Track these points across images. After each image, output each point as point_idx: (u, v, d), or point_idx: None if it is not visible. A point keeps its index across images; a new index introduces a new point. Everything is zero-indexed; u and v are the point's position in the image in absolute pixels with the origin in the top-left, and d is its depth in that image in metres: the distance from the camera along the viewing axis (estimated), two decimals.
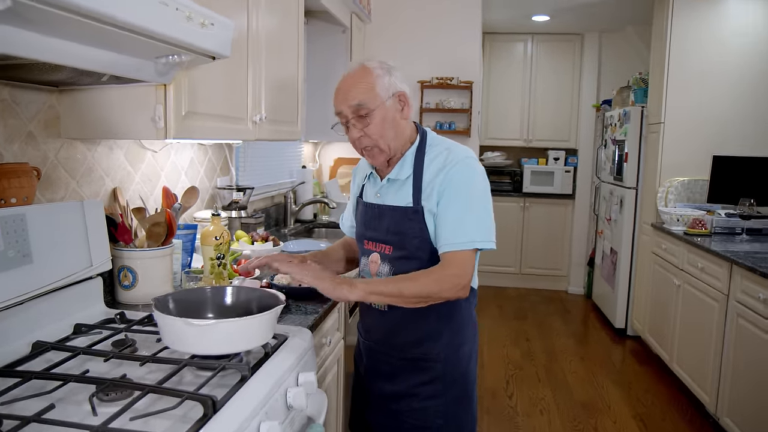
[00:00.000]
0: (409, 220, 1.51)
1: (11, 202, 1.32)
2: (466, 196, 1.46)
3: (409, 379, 1.58)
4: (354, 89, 1.48)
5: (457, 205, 1.45)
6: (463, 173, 1.47)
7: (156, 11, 1.08)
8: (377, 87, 1.47)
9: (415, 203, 1.50)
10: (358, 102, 1.47)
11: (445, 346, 1.56)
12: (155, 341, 1.38)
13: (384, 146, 1.51)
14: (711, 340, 3.13)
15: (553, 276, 6.11)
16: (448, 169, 1.48)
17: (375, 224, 1.59)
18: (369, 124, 1.48)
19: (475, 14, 4.17)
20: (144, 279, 1.72)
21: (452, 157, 1.50)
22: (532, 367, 4.05)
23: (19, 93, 1.48)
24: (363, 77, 1.48)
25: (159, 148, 2.10)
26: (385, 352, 1.62)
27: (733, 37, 4.05)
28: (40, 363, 1.23)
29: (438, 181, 1.48)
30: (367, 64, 1.50)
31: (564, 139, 6.06)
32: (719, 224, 3.62)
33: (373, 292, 1.40)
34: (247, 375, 1.18)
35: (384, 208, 1.57)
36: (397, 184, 1.56)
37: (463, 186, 1.47)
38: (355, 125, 1.50)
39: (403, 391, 1.59)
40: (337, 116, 1.54)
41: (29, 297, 1.33)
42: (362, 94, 1.47)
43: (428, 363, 1.57)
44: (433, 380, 1.57)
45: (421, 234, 1.50)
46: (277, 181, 3.43)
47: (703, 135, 4.13)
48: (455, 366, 1.58)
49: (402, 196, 1.54)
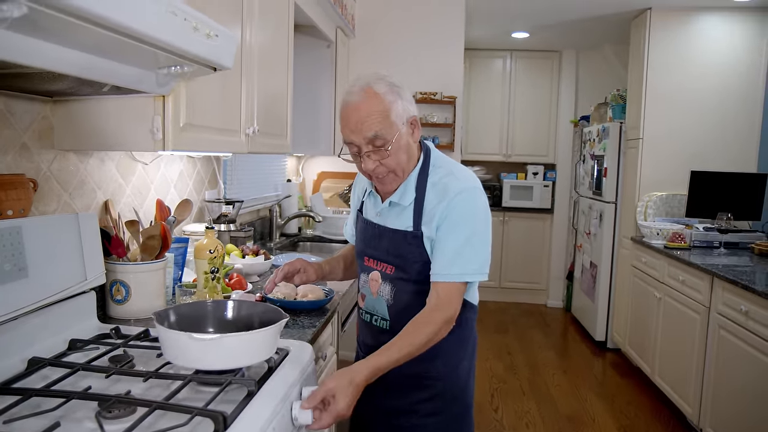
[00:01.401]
0: (409, 245, 1.48)
1: (8, 214, 1.28)
2: (464, 229, 1.42)
3: (409, 396, 1.56)
4: (369, 119, 1.38)
5: (456, 237, 1.42)
6: (464, 204, 1.43)
7: (166, 21, 1.07)
8: (392, 115, 1.39)
9: (416, 228, 1.47)
10: (374, 133, 1.38)
11: (444, 364, 1.54)
12: (154, 356, 1.35)
13: (400, 173, 1.47)
14: (693, 352, 3.18)
15: (532, 290, 6.16)
16: (450, 198, 1.43)
17: (375, 243, 1.57)
18: (388, 155, 1.41)
19: (458, 30, 4.22)
20: (137, 293, 1.69)
21: (455, 186, 1.44)
22: (516, 380, 4.07)
23: (14, 103, 1.45)
24: (376, 105, 1.38)
25: (150, 160, 2.07)
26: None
27: (709, 55, 4.18)
28: (37, 380, 1.19)
29: (440, 209, 1.43)
30: (375, 89, 1.39)
31: (543, 153, 6.14)
32: (698, 238, 3.70)
33: (380, 369, 1.31)
34: (254, 390, 1.16)
35: (384, 229, 1.54)
36: (398, 208, 1.51)
37: (464, 218, 1.42)
38: (370, 156, 1.42)
39: (404, 407, 1.57)
40: (346, 146, 1.45)
41: (24, 312, 1.30)
42: (378, 124, 1.38)
43: (428, 381, 1.54)
44: (433, 397, 1.55)
45: (420, 258, 1.47)
46: (262, 194, 3.40)
47: (680, 150, 4.23)
48: (455, 383, 1.56)
49: (403, 219, 1.50)
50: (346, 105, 1.42)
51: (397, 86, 1.43)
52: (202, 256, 1.74)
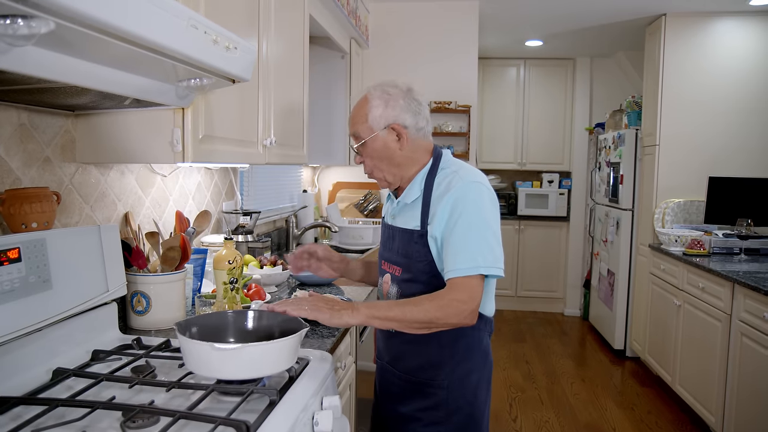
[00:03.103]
0: (415, 243, 1.50)
1: (32, 226, 1.30)
2: (469, 221, 1.40)
3: (413, 402, 1.56)
4: (354, 118, 1.55)
5: (461, 228, 1.40)
6: (466, 197, 1.42)
7: (187, 34, 1.09)
8: (369, 119, 1.51)
9: (422, 227, 1.49)
10: (354, 131, 1.54)
11: (449, 374, 1.52)
12: (176, 367, 1.36)
13: (379, 175, 1.56)
14: (715, 360, 3.14)
15: (549, 298, 6.11)
16: (452, 192, 1.43)
17: (389, 245, 1.61)
18: (362, 156, 1.56)
19: (472, 39, 4.23)
20: (157, 304, 1.70)
21: (457, 180, 1.45)
22: (534, 389, 4.03)
23: (37, 117, 1.47)
24: (361, 107, 1.53)
25: (169, 173, 2.09)
26: (394, 373, 1.61)
27: (725, 60, 4.15)
28: (62, 390, 1.21)
29: (442, 203, 1.44)
30: (368, 93, 1.54)
31: (558, 161, 6.12)
32: (717, 245, 3.65)
33: (375, 316, 1.37)
34: (276, 399, 1.16)
35: (395, 229, 1.58)
36: (407, 207, 1.56)
37: (467, 210, 1.41)
38: (359, 153, 1.57)
39: (409, 414, 1.57)
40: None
41: (48, 323, 1.31)
42: (358, 124, 1.53)
43: (432, 389, 1.53)
44: (435, 406, 1.53)
45: (425, 258, 1.48)
46: (278, 205, 3.42)
47: (698, 156, 4.20)
48: (461, 394, 1.53)
49: (410, 218, 1.53)
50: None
51: (390, 93, 1.50)
52: (221, 267, 1.75)
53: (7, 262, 1.21)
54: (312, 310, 1.35)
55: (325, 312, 1.35)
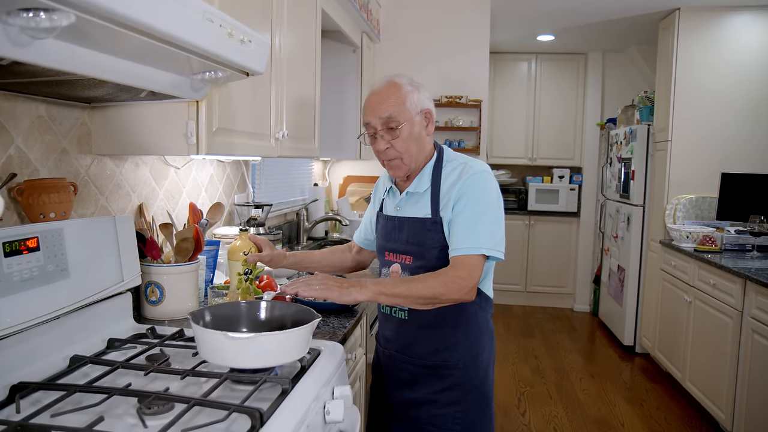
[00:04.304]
0: (428, 231, 1.56)
1: (50, 216, 1.33)
2: (477, 205, 1.50)
3: (428, 386, 1.62)
4: (386, 102, 1.54)
5: (469, 212, 1.50)
6: (477, 184, 1.52)
7: (203, 27, 1.10)
8: (407, 102, 1.55)
9: (434, 214, 1.56)
10: (389, 114, 1.53)
11: (463, 354, 1.60)
12: (190, 356, 1.38)
13: (407, 160, 1.58)
14: (725, 357, 3.13)
15: (558, 293, 6.10)
16: (464, 179, 1.53)
17: (395, 236, 1.65)
18: (397, 137, 1.55)
19: (484, 33, 4.22)
20: (171, 294, 1.72)
21: (468, 170, 1.55)
22: (543, 384, 4.04)
23: (54, 109, 1.49)
24: (394, 92, 1.55)
25: (182, 165, 2.11)
26: (405, 360, 1.65)
27: (739, 55, 4.11)
28: (79, 377, 1.23)
29: (454, 191, 1.53)
30: (396, 80, 1.58)
31: (568, 157, 6.09)
32: (729, 241, 3.63)
33: (382, 292, 1.42)
34: (288, 388, 1.18)
35: (403, 220, 1.63)
36: (415, 197, 1.62)
37: (476, 195, 1.51)
38: (383, 137, 1.56)
39: (423, 398, 1.62)
40: (364, 126, 1.60)
41: (66, 311, 1.34)
42: (393, 107, 1.53)
43: (448, 370, 1.60)
44: (452, 387, 1.60)
45: (440, 243, 1.55)
46: (289, 198, 3.44)
47: (710, 152, 4.17)
48: (475, 373, 1.62)
49: (420, 207, 1.60)
50: (369, 92, 1.60)
51: (417, 83, 1.60)
52: (235, 258, 1.77)
53: (26, 250, 1.23)
54: (322, 289, 1.40)
55: (335, 290, 1.40)
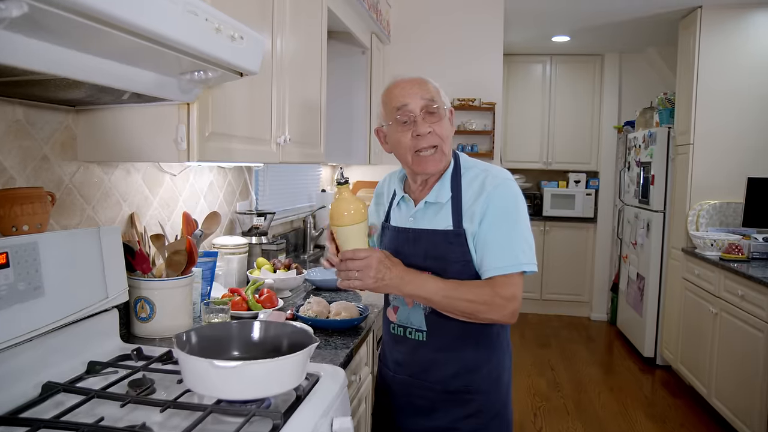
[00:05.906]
0: (450, 244, 1.42)
1: (23, 229, 1.22)
2: (509, 219, 1.40)
3: (449, 413, 1.48)
4: (426, 86, 1.45)
5: (503, 228, 1.40)
6: (504, 195, 1.42)
7: (183, 21, 0.99)
8: (441, 94, 1.48)
9: (456, 226, 1.42)
10: (431, 96, 1.43)
11: (486, 376, 1.48)
12: (176, 382, 1.26)
13: (447, 150, 1.46)
14: (757, 373, 2.95)
15: (575, 302, 5.93)
16: (489, 191, 1.42)
17: (409, 249, 1.49)
18: (439, 120, 1.43)
19: (497, 35, 4.08)
20: (162, 311, 1.61)
21: (492, 179, 1.44)
22: (560, 398, 3.88)
23: (34, 113, 1.39)
24: (427, 83, 1.47)
25: (178, 172, 2.00)
26: (423, 386, 1.50)
27: (764, 55, 3.93)
28: (50, 407, 1.12)
29: (480, 202, 1.41)
30: (423, 77, 1.49)
31: (585, 161, 5.93)
32: (757, 249, 3.46)
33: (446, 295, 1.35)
34: (279, 423, 1.05)
35: (420, 232, 1.48)
36: (435, 207, 1.48)
37: (506, 208, 1.41)
38: (425, 119, 1.43)
39: (444, 426, 1.49)
40: (396, 111, 1.43)
41: (40, 333, 1.22)
42: (434, 92, 1.45)
43: (470, 395, 1.47)
44: (476, 413, 1.48)
45: (463, 257, 1.42)
46: (295, 205, 3.33)
47: (735, 156, 3.99)
48: (497, 397, 1.50)
49: (440, 219, 1.45)
50: (399, 80, 1.47)
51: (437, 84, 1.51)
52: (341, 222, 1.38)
53: None
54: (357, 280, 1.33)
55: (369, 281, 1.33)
